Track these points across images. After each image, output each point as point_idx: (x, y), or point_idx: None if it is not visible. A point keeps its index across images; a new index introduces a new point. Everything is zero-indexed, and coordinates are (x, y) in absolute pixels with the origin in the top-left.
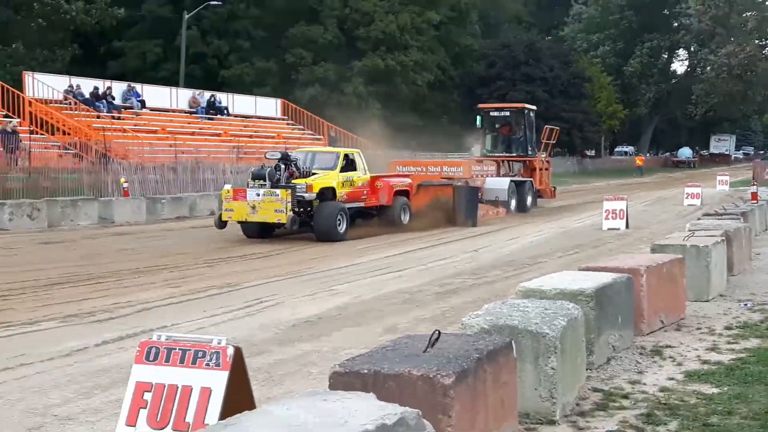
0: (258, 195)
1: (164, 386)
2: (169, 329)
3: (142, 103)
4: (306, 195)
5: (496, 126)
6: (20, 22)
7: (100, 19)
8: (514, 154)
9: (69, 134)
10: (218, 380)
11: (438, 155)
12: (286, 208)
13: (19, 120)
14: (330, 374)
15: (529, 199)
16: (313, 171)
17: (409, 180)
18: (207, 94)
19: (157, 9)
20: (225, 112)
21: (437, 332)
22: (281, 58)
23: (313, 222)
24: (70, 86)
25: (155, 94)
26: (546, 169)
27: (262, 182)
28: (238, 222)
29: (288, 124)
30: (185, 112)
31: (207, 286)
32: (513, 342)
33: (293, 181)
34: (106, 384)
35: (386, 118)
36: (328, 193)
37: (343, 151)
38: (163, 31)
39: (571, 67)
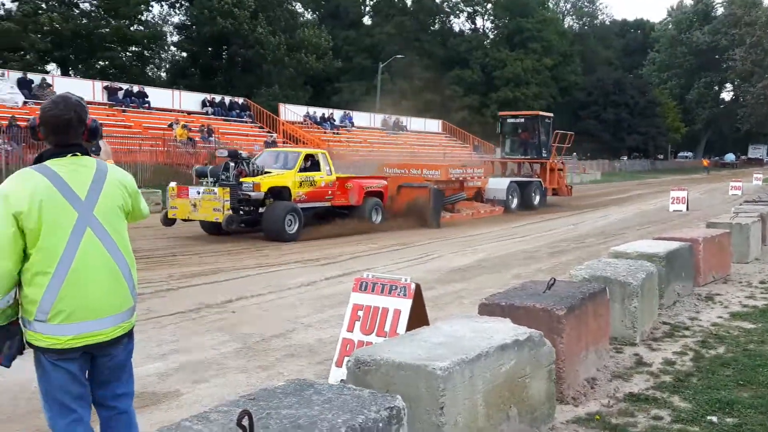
0: (198, 193)
1: (371, 307)
2: (372, 270)
3: (352, 123)
4: (253, 194)
5: (518, 131)
6: (277, 72)
7: (327, 68)
8: (529, 157)
9: (306, 144)
10: (405, 305)
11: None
12: (224, 207)
13: (276, 134)
14: (478, 304)
15: (537, 198)
16: (267, 170)
17: (383, 182)
18: (393, 117)
19: (362, 61)
20: (405, 128)
21: (553, 279)
22: (442, 92)
23: (262, 221)
24: (307, 113)
25: (360, 117)
26: (560, 170)
27: (206, 180)
28: (182, 219)
29: (446, 137)
30: (379, 129)
31: (392, 244)
32: (606, 288)
33: (242, 180)
34: (331, 304)
35: None
36: (284, 193)
37: (305, 151)
38: (366, 75)
39: (646, 95)
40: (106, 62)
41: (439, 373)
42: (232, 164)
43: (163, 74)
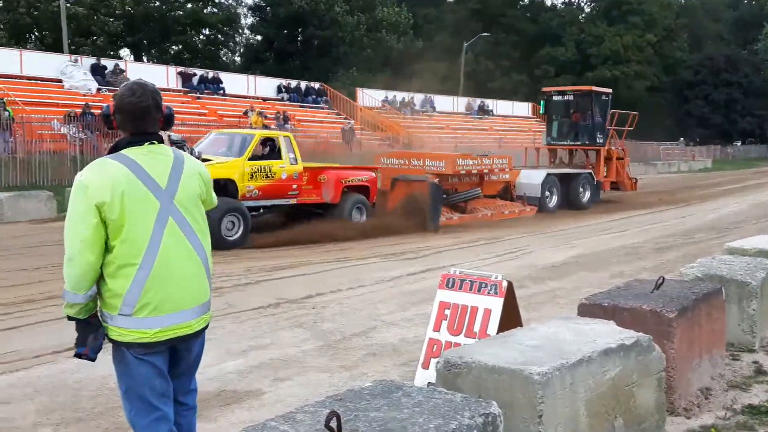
0: None
1: (458, 306)
2: (458, 266)
3: (434, 108)
4: None
5: (568, 111)
6: (354, 54)
7: (407, 48)
8: (580, 143)
9: (384, 130)
10: (496, 304)
11: (652, 143)
12: None
13: (353, 121)
14: (578, 305)
15: (587, 194)
16: (205, 158)
17: (370, 174)
18: (478, 101)
19: (445, 40)
20: (491, 112)
21: (662, 278)
22: (531, 73)
23: None
24: (386, 97)
25: (442, 101)
26: (621, 159)
27: None
28: None
29: (537, 121)
30: (463, 113)
31: (478, 238)
32: (722, 288)
33: None
34: (415, 301)
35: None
36: (229, 188)
37: (259, 133)
38: (449, 55)
39: (762, 73)
40: (180, 46)
41: (536, 378)
42: None
43: (237, 58)
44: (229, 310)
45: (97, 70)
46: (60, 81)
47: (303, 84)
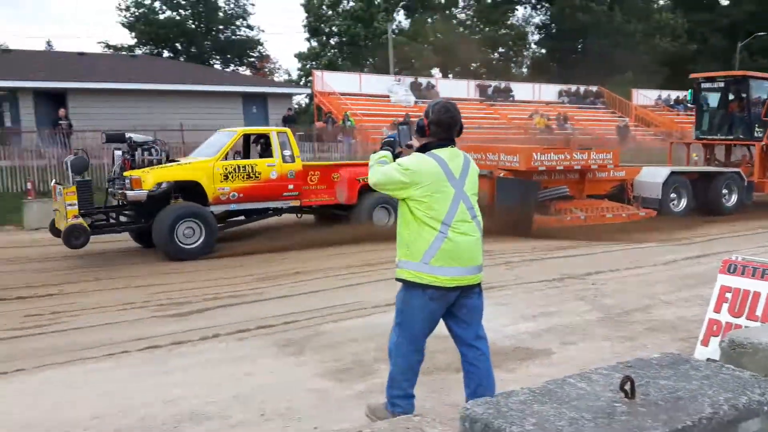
0: (60, 195)
1: (740, 290)
2: (736, 252)
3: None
4: (130, 193)
5: (724, 101)
6: (632, 59)
7: (679, 50)
8: (732, 137)
9: (657, 126)
10: None
11: None
12: (67, 214)
13: (628, 119)
14: None
15: (732, 197)
16: (173, 159)
17: None
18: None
19: (718, 42)
20: None
21: None
22: None
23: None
24: (659, 96)
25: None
26: None
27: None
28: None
29: None
30: None
31: (758, 226)
32: None
33: (126, 174)
34: (692, 284)
35: None
36: (197, 190)
37: (242, 130)
38: (722, 56)
39: None
40: (478, 63)
41: None
42: (117, 153)
43: (524, 70)
44: (519, 281)
45: (414, 87)
46: (387, 97)
47: (582, 88)
